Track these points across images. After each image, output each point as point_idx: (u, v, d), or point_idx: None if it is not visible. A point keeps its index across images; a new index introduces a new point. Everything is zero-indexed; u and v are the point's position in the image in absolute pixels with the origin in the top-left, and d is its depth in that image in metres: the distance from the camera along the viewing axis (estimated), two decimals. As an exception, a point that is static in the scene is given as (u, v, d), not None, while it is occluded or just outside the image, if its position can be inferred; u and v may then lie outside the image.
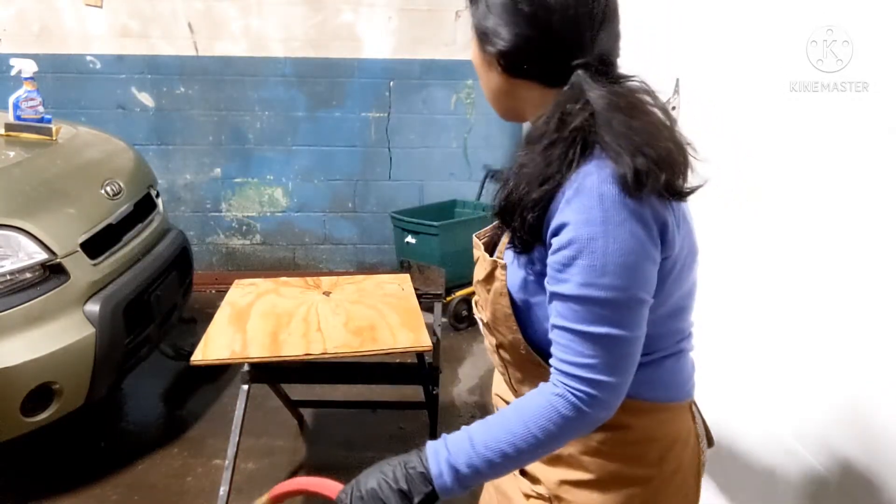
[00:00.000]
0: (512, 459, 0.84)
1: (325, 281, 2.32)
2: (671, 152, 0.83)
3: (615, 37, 0.91)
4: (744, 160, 1.59)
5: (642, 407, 0.95)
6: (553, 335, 0.86)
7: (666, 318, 0.93)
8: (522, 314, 0.94)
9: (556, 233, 0.83)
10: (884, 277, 1.16)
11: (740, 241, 1.61)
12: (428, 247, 3.50)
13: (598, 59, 0.87)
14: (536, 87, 0.90)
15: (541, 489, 1.00)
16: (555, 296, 0.84)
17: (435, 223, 3.45)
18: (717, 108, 1.70)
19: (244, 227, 4.01)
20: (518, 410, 0.85)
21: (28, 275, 2.05)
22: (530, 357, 0.95)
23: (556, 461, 0.98)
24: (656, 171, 0.80)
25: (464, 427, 0.88)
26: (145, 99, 3.73)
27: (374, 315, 2.03)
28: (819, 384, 1.34)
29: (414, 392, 2.39)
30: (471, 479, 0.84)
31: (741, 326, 1.62)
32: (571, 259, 0.81)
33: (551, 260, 0.84)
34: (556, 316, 0.85)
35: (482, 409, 2.79)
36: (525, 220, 0.85)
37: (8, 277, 2.01)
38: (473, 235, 1.07)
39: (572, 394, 0.82)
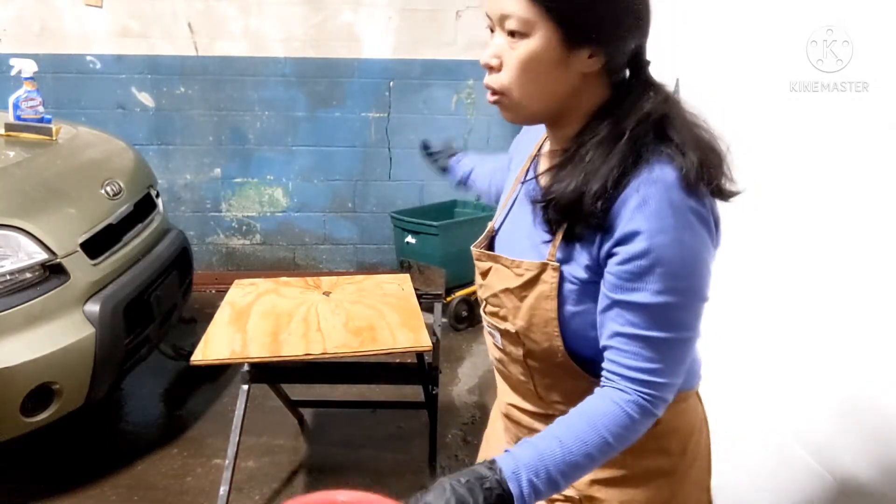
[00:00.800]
0: (584, 468, 0.84)
1: (325, 281, 2.32)
2: (724, 154, 0.85)
3: None
4: (744, 160, 1.59)
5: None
6: (615, 342, 0.85)
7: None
8: (561, 322, 0.92)
9: (623, 241, 0.81)
10: (884, 277, 1.16)
11: (740, 241, 1.61)
12: (428, 247, 3.50)
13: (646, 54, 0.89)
14: (604, 86, 0.88)
15: (569, 491, 0.99)
16: (623, 304, 0.83)
17: (435, 223, 3.45)
18: (718, 108, 1.70)
19: (244, 227, 4.01)
20: (588, 419, 0.84)
21: (28, 275, 2.05)
22: (565, 364, 0.94)
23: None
24: (716, 171, 0.83)
25: (526, 440, 0.84)
26: (145, 99, 3.73)
27: (374, 315, 2.03)
28: (822, 386, 1.34)
29: (414, 392, 2.39)
30: (547, 495, 0.82)
31: (742, 326, 1.62)
32: (647, 268, 0.80)
33: (619, 269, 0.82)
34: (623, 324, 0.84)
35: (482, 408, 2.79)
36: (593, 214, 0.82)
37: (8, 277, 2.01)
38: (472, 248, 1.04)
39: (644, 398, 0.83)
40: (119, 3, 3.56)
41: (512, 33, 0.83)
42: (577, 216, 0.85)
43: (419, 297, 2.24)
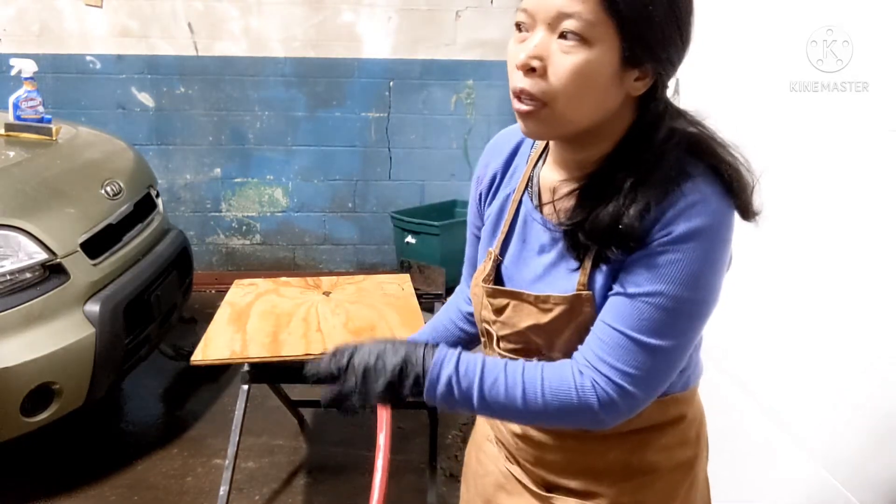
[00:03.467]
0: (504, 408, 0.84)
1: (325, 281, 2.32)
2: (752, 173, 0.84)
3: None
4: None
5: (690, 394, 0.98)
6: (604, 334, 0.82)
7: None
8: None
9: (663, 235, 0.78)
10: (885, 277, 1.16)
11: (740, 240, 1.61)
12: (428, 247, 3.50)
13: None
14: (635, 109, 0.83)
15: (601, 501, 0.97)
16: (629, 296, 0.80)
17: (435, 223, 3.45)
18: (717, 108, 1.70)
19: (244, 227, 4.01)
20: (540, 372, 0.84)
21: (28, 275, 2.05)
22: None
23: (618, 470, 0.96)
24: (748, 190, 0.82)
25: (481, 355, 0.87)
26: (145, 99, 3.73)
27: (374, 315, 2.03)
28: (825, 388, 1.34)
29: (414, 392, 2.39)
30: (457, 405, 0.85)
31: (741, 326, 1.62)
32: (686, 262, 0.77)
33: (646, 260, 0.79)
34: (620, 319, 0.81)
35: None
36: (632, 234, 0.79)
37: (8, 277, 2.01)
38: (481, 285, 0.97)
39: (596, 392, 0.81)
40: (119, 3, 3.56)
41: (566, 35, 0.74)
42: (612, 240, 0.80)
43: (419, 297, 2.24)
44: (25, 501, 2.21)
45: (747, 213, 0.83)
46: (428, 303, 2.37)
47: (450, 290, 3.39)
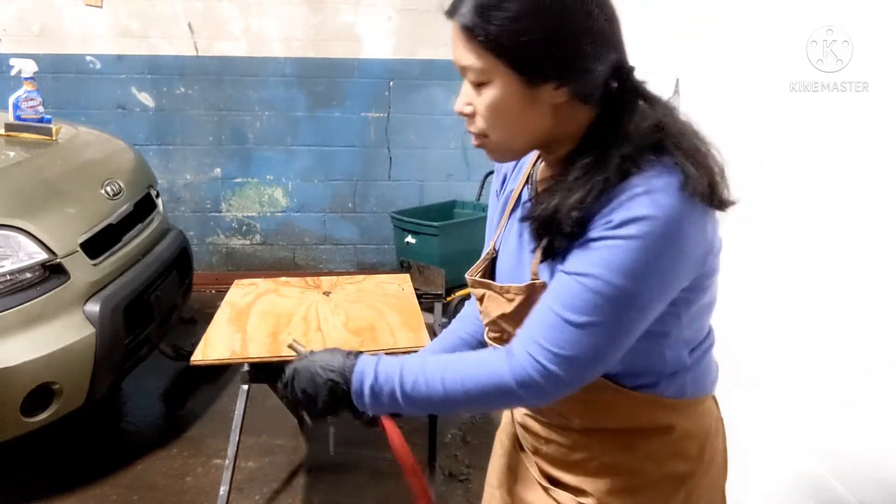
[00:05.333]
0: (429, 403, 0.90)
1: (325, 281, 2.32)
2: (722, 165, 0.84)
3: None
4: (744, 160, 1.59)
5: (685, 405, 0.95)
6: (537, 312, 0.85)
7: (706, 312, 0.93)
8: None
9: (604, 223, 0.79)
10: (885, 277, 1.16)
11: (740, 240, 1.61)
12: (428, 247, 3.50)
13: (628, 65, 0.86)
14: (589, 110, 0.86)
15: (587, 500, 0.99)
16: (565, 274, 0.82)
17: (435, 223, 3.45)
18: (717, 107, 1.70)
19: (244, 227, 4.01)
20: (464, 359, 0.90)
21: (28, 275, 2.05)
22: None
23: (605, 469, 0.97)
24: (718, 183, 0.81)
25: (402, 358, 0.93)
26: (145, 99, 3.73)
27: (374, 315, 2.03)
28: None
29: (414, 392, 2.39)
30: (392, 409, 0.92)
31: (738, 325, 1.62)
32: (621, 248, 0.78)
33: (586, 244, 0.80)
34: (552, 296, 0.83)
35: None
36: (568, 223, 0.81)
37: (8, 277, 2.01)
38: (467, 277, 1.03)
39: (514, 371, 0.84)
40: (119, 3, 3.56)
41: (473, 82, 0.85)
42: (552, 228, 0.83)
43: (419, 297, 2.24)
44: (25, 501, 2.21)
45: (721, 204, 0.83)
46: (428, 303, 2.37)
47: (449, 291, 3.39)
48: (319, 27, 3.69)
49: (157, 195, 2.89)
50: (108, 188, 2.43)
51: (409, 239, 3.59)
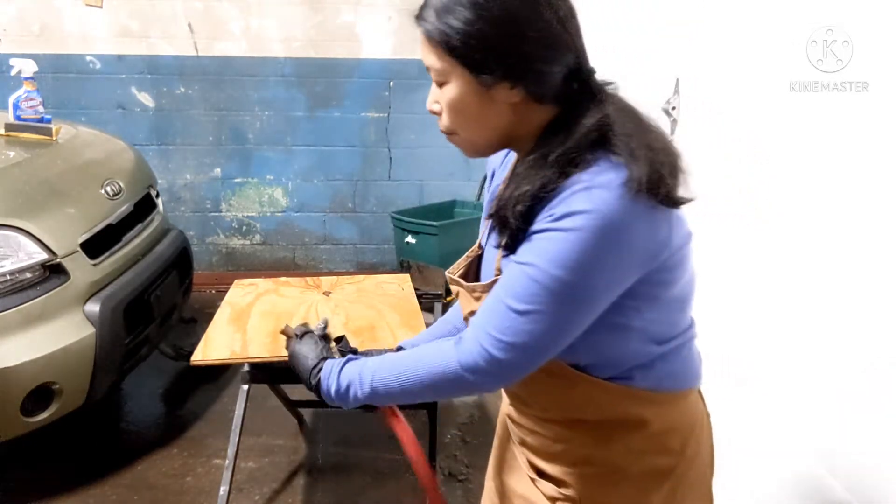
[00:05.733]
0: (390, 396, 0.98)
1: (325, 281, 2.32)
2: (675, 162, 0.85)
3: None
4: (744, 160, 1.59)
5: (663, 398, 0.96)
6: (490, 301, 0.89)
7: (676, 307, 0.94)
8: None
9: (547, 217, 0.83)
10: (885, 277, 1.16)
11: (740, 240, 1.61)
12: (428, 247, 3.50)
13: (588, 66, 0.90)
14: (547, 109, 0.90)
15: (569, 491, 1.01)
16: (513, 263, 0.86)
17: (435, 223, 3.45)
18: (717, 108, 1.70)
19: (244, 227, 4.01)
20: (419, 351, 0.96)
21: (28, 275, 2.05)
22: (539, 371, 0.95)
23: (584, 462, 0.99)
24: (665, 181, 0.82)
25: (364, 360, 1.02)
26: (145, 99, 3.73)
27: (374, 315, 2.03)
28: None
29: (414, 392, 2.39)
30: (358, 403, 1.02)
31: (738, 324, 1.62)
32: (559, 240, 0.81)
33: (531, 236, 0.84)
34: (500, 284, 0.88)
35: (481, 408, 2.79)
36: (517, 212, 0.85)
37: (8, 277, 2.01)
38: (446, 273, 1.07)
39: (460, 358, 0.89)
40: (119, 3, 3.56)
41: (438, 83, 0.92)
42: (503, 223, 0.87)
43: (419, 297, 2.24)
44: (25, 501, 2.22)
45: (672, 201, 0.84)
46: (428, 303, 2.37)
47: (449, 290, 3.39)
48: (319, 27, 3.69)
49: (157, 195, 2.89)
50: (108, 188, 2.43)
51: (409, 239, 3.59)
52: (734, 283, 1.64)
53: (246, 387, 1.98)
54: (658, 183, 0.81)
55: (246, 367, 1.98)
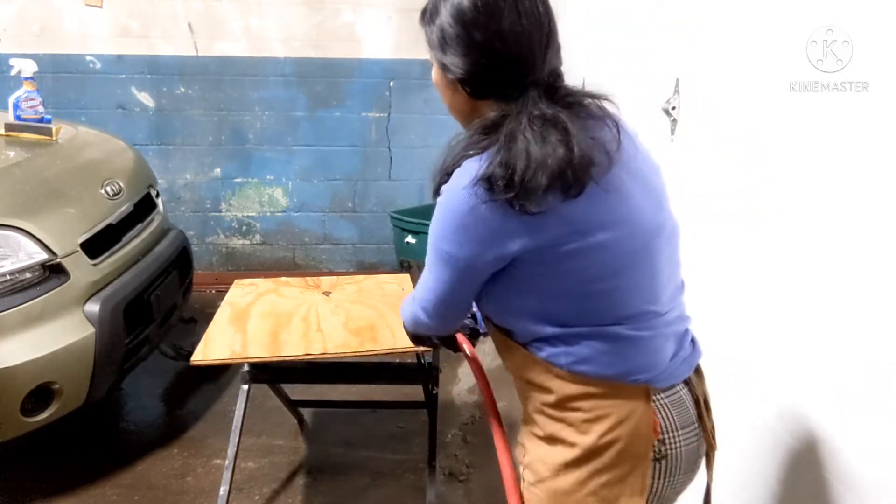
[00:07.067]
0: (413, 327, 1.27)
1: (325, 281, 2.32)
2: (537, 176, 0.93)
3: (558, 51, 1.07)
4: (744, 160, 1.59)
5: (565, 376, 1.06)
6: None
7: (574, 299, 1.03)
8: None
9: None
10: (885, 277, 1.16)
11: (739, 240, 1.61)
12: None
13: (549, 74, 1.03)
14: (497, 104, 1.03)
15: (518, 437, 1.19)
16: None
17: (435, 223, 3.45)
18: (717, 107, 1.70)
19: (244, 227, 4.01)
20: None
21: (28, 275, 2.05)
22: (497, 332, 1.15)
23: (525, 419, 1.17)
24: (505, 186, 0.94)
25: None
26: (145, 99, 3.73)
27: (374, 315, 2.03)
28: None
29: (414, 392, 2.39)
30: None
31: (738, 324, 1.62)
32: (435, 214, 1.03)
33: None
34: None
35: (482, 408, 2.79)
36: (435, 180, 1.05)
37: (8, 277, 2.01)
38: None
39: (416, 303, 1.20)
40: (119, 3, 3.56)
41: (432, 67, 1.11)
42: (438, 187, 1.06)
43: (419, 297, 2.23)
44: (25, 501, 2.22)
45: (512, 204, 0.95)
46: (428, 303, 2.37)
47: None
48: (319, 27, 3.69)
49: (157, 195, 2.89)
50: (108, 188, 2.43)
51: (409, 239, 3.59)
52: (734, 283, 1.64)
53: (246, 387, 1.98)
54: (496, 186, 0.94)
55: (246, 367, 1.98)
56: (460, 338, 1.42)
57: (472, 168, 0.97)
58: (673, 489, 1.12)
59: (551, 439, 1.09)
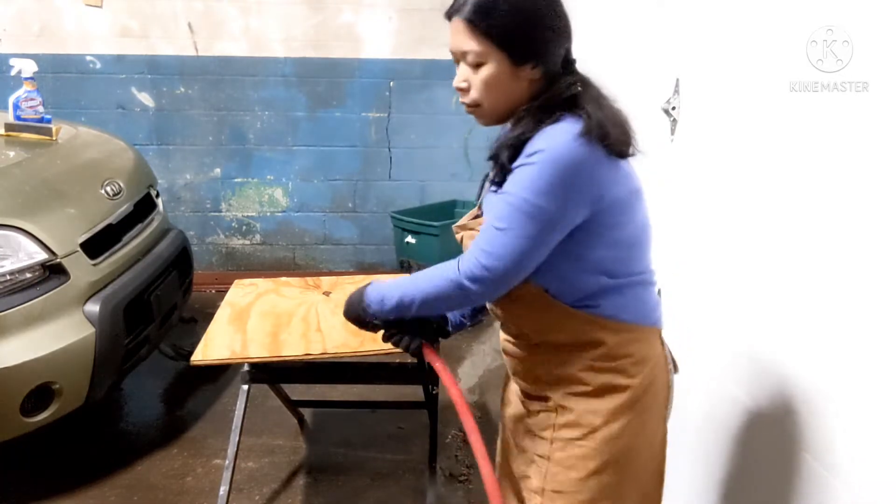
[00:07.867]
0: (414, 305, 1.22)
1: (325, 281, 2.32)
2: (622, 125, 1.13)
3: None
4: (743, 160, 1.59)
5: (616, 326, 1.19)
6: (483, 227, 1.14)
7: (624, 248, 1.18)
8: None
9: (525, 156, 1.09)
10: (885, 277, 1.16)
11: (739, 240, 1.61)
12: (428, 247, 3.50)
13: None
14: (543, 82, 1.16)
15: (550, 403, 1.26)
16: (499, 194, 1.12)
17: (435, 223, 3.45)
18: (717, 108, 1.70)
19: (244, 227, 4.01)
20: (430, 269, 1.21)
21: (28, 275, 2.05)
22: (517, 293, 1.19)
23: (560, 381, 1.24)
24: (611, 135, 1.08)
25: (392, 280, 1.28)
26: (145, 99, 3.73)
27: (374, 315, 2.02)
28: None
29: (413, 392, 2.39)
30: (387, 308, 1.27)
31: (738, 324, 1.62)
32: (524, 172, 1.07)
33: (513, 172, 1.10)
34: (491, 212, 1.13)
35: (482, 408, 2.79)
36: (506, 154, 1.11)
37: (8, 277, 2.01)
38: (453, 227, 1.32)
39: (460, 269, 1.13)
40: (119, 3, 3.56)
41: (473, 64, 1.14)
42: (497, 160, 1.13)
43: (419, 297, 2.23)
44: (25, 501, 2.22)
45: (619, 151, 1.10)
46: (428, 303, 2.37)
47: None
48: (319, 27, 3.70)
49: (157, 195, 2.89)
50: (108, 188, 2.43)
51: (409, 239, 3.59)
52: (733, 283, 1.64)
53: (246, 387, 1.98)
54: (607, 134, 1.07)
55: (246, 367, 1.98)
56: (426, 347, 1.43)
57: (571, 126, 1.07)
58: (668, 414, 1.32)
59: (601, 390, 1.20)
